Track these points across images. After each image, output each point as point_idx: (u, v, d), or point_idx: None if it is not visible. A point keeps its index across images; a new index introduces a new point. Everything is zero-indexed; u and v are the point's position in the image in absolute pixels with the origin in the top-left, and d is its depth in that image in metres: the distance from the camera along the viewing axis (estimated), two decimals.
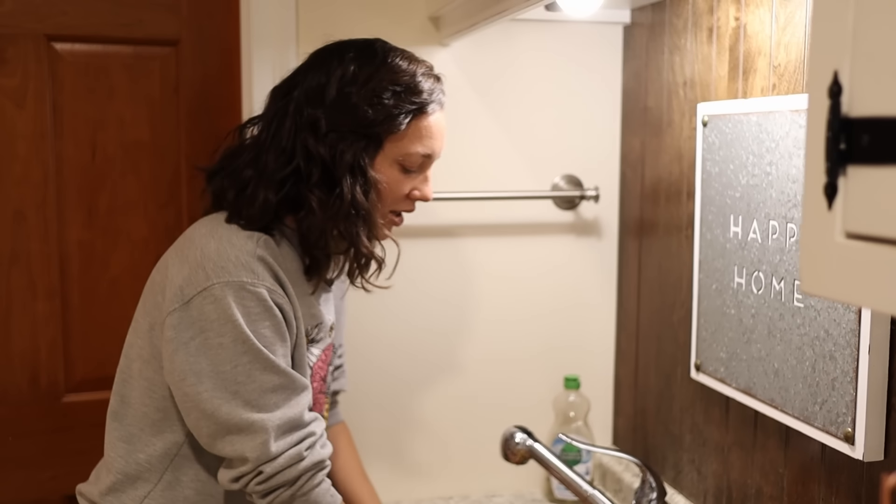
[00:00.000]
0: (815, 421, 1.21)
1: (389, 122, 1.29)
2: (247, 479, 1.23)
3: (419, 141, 1.32)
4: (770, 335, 1.30)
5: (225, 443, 1.22)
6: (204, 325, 1.22)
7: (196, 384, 1.22)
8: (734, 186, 1.38)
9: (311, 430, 1.27)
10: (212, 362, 1.22)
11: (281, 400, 1.24)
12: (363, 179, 1.29)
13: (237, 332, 1.21)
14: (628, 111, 1.82)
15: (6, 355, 1.75)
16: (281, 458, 1.22)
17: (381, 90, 1.28)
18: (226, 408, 1.21)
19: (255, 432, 1.21)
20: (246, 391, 1.22)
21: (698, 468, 1.57)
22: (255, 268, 1.24)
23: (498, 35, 1.78)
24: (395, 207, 1.36)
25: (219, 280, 1.22)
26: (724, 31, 1.46)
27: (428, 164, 1.37)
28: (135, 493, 1.31)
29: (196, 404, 1.23)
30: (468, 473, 1.86)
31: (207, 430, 1.23)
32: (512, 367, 1.87)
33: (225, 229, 1.28)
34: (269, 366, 1.23)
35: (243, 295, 1.22)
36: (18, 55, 1.70)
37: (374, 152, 1.30)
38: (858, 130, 0.58)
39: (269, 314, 1.24)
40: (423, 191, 1.37)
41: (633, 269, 1.82)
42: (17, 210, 1.73)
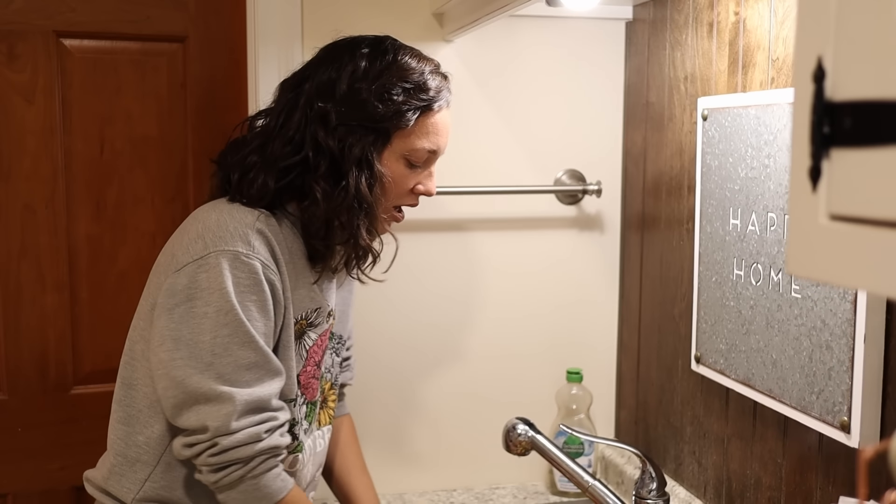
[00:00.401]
0: (812, 410, 1.22)
1: (398, 118, 1.31)
2: (201, 447, 1.23)
3: (426, 137, 1.35)
4: (768, 326, 1.31)
5: (191, 412, 1.23)
6: (193, 293, 1.24)
7: (172, 350, 1.24)
8: (733, 179, 1.39)
9: (275, 415, 1.28)
10: (192, 331, 1.24)
11: (253, 378, 1.25)
12: (369, 173, 1.31)
13: (223, 301, 1.23)
14: (630, 106, 1.83)
15: (16, 347, 1.77)
16: (240, 434, 1.23)
17: (391, 86, 1.31)
18: (196, 378, 1.22)
19: (222, 403, 1.22)
20: (220, 364, 1.23)
21: (699, 460, 1.58)
22: (252, 240, 1.26)
23: (501, 31, 1.80)
24: (398, 202, 1.39)
25: (215, 249, 1.25)
26: (724, 25, 1.47)
27: (433, 160, 1.39)
28: (134, 476, 1.33)
29: (167, 371, 1.24)
30: (472, 466, 1.88)
31: (175, 399, 1.24)
32: (515, 361, 1.88)
33: (226, 205, 1.31)
34: (248, 341, 1.25)
35: (237, 265, 1.24)
36: (28, 51, 1.72)
37: (382, 147, 1.33)
38: (841, 114, 0.60)
39: (257, 288, 1.26)
40: (427, 185, 1.40)
41: (635, 263, 1.83)
42: (26, 204, 1.75)
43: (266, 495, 1.26)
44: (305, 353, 1.40)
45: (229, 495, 1.26)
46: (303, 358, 1.40)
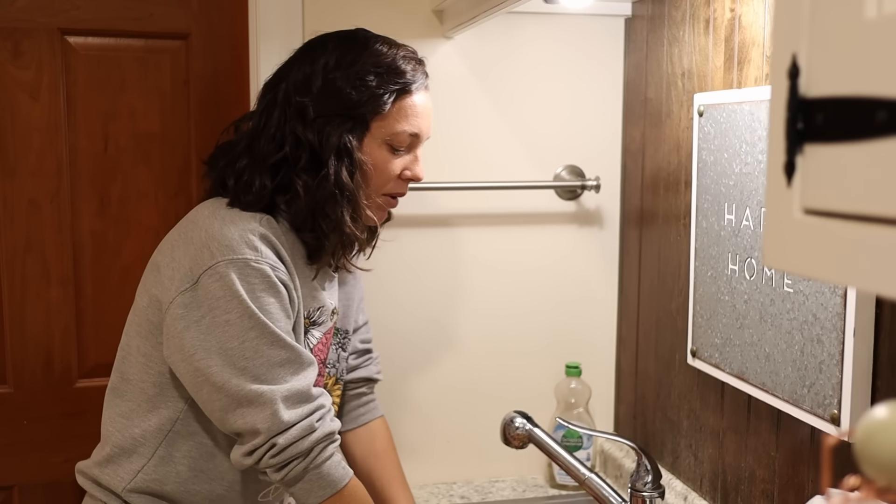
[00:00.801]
0: (803, 403, 1.23)
1: (373, 103, 1.33)
2: (260, 451, 1.25)
3: (404, 120, 1.36)
4: (762, 320, 1.32)
5: (237, 416, 1.25)
6: (211, 304, 1.26)
7: (205, 359, 1.26)
8: (728, 175, 1.40)
9: (320, 402, 1.30)
10: (219, 339, 1.26)
11: (288, 374, 1.27)
12: (349, 160, 1.33)
13: (243, 307, 1.25)
14: (629, 102, 1.84)
15: (21, 341, 1.79)
16: (293, 430, 1.25)
17: (364, 73, 1.34)
18: (235, 381, 1.25)
19: (264, 403, 1.24)
20: (254, 366, 1.25)
21: (695, 453, 1.59)
22: (258, 245, 1.28)
23: (501, 27, 1.81)
24: (387, 189, 1.40)
25: (223, 258, 1.26)
26: (720, 22, 1.48)
27: (416, 144, 1.40)
28: (129, 466, 1.35)
29: (206, 378, 1.26)
30: (471, 459, 1.90)
31: (219, 403, 1.26)
32: (515, 355, 1.90)
33: (227, 211, 1.33)
34: (276, 340, 1.27)
35: (247, 272, 1.26)
36: (33, 48, 1.74)
37: (361, 134, 1.35)
38: (814, 110, 0.61)
39: (273, 290, 1.28)
40: (414, 170, 1.41)
41: (634, 258, 1.84)
42: (31, 200, 1.77)
43: (330, 483, 1.29)
44: (310, 350, 1.42)
45: (298, 488, 1.28)
46: None
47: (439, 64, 1.80)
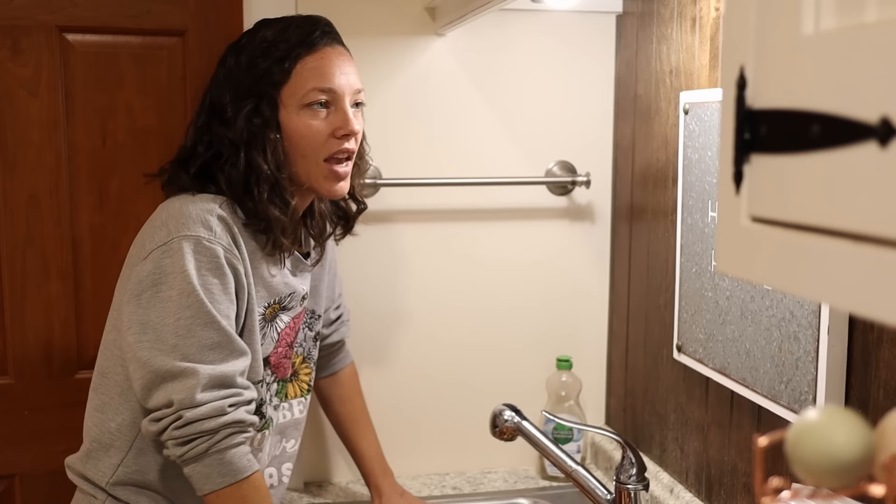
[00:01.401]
0: (781, 399, 1.25)
1: (269, 74, 1.37)
2: (166, 421, 1.27)
3: (310, 78, 1.38)
4: (742, 317, 1.34)
5: (159, 391, 1.27)
6: (158, 279, 1.30)
7: (139, 334, 1.29)
8: (712, 172, 1.42)
9: (239, 391, 1.32)
10: (158, 315, 1.29)
11: (217, 357, 1.30)
12: (260, 141, 1.36)
13: (185, 284, 1.28)
14: (620, 99, 1.86)
15: (22, 333, 1.83)
16: (203, 408, 1.26)
17: (256, 50, 1.39)
18: (162, 358, 1.27)
19: (186, 378, 1.27)
20: (185, 345, 1.28)
21: (681, 446, 1.62)
22: (213, 225, 1.32)
23: (494, 24, 1.83)
24: (323, 152, 1.39)
25: (178, 234, 1.30)
26: (706, 21, 1.49)
27: (337, 99, 1.39)
28: (109, 460, 1.39)
29: (135, 353, 1.29)
30: (463, 450, 1.93)
31: (143, 380, 1.28)
32: (507, 349, 1.92)
33: (191, 195, 1.37)
34: (211, 321, 1.29)
35: (199, 249, 1.30)
36: (32, 46, 1.77)
37: (272, 109, 1.38)
38: (759, 121, 0.63)
39: (219, 272, 1.31)
40: (344, 124, 1.39)
41: (624, 253, 1.86)
42: (31, 195, 1.80)
43: (231, 471, 1.29)
44: (277, 335, 1.45)
45: (194, 468, 1.29)
46: (274, 340, 1.45)
47: (431, 61, 1.82)
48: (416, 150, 1.83)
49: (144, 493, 1.39)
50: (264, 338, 1.43)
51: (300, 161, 1.39)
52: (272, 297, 1.41)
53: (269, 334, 1.44)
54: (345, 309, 1.72)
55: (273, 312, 1.43)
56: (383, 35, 1.79)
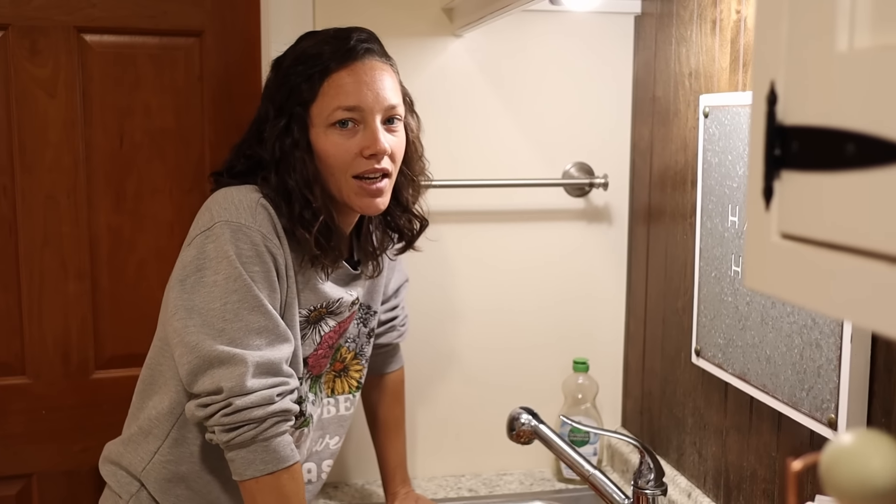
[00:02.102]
0: (802, 406, 1.24)
1: (298, 93, 1.37)
2: (215, 406, 1.27)
3: (335, 96, 1.36)
4: (763, 322, 1.33)
5: (206, 377, 1.28)
6: (202, 263, 1.31)
7: (185, 318, 1.30)
8: (732, 177, 1.41)
9: (286, 380, 1.32)
10: (204, 299, 1.29)
11: (263, 343, 1.30)
12: (287, 162, 1.36)
13: (231, 269, 1.29)
14: (638, 100, 1.85)
15: (39, 333, 1.83)
16: (253, 396, 1.27)
17: (287, 70, 1.39)
18: (209, 342, 1.28)
19: (235, 364, 1.27)
20: (232, 329, 1.28)
21: (699, 451, 1.61)
22: (255, 213, 1.32)
23: (511, 25, 1.82)
24: (353, 171, 1.37)
25: (220, 219, 1.31)
26: (726, 23, 1.48)
27: (365, 118, 1.37)
28: (147, 447, 1.41)
29: (182, 338, 1.30)
30: (479, 452, 1.93)
31: (189, 365, 1.29)
32: (523, 351, 1.92)
33: (238, 185, 1.38)
34: (257, 306, 1.30)
35: (239, 236, 1.30)
36: (50, 46, 1.77)
37: (302, 129, 1.37)
38: (790, 137, 0.62)
39: (260, 259, 1.31)
40: (372, 144, 1.36)
41: (641, 255, 1.85)
42: (49, 195, 1.80)
43: (274, 459, 1.30)
44: (319, 338, 1.45)
45: (238, 454, 1.29)
46: (315, 343, 1.45)
47: (448, 62, 1.82)
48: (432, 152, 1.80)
49: (174, 486, 1.41)
50: (305, 339, 1.43)
51: (330, 179, 1.38)
52: (319, 302, 1.42)
53: (311, 336, 1.44)
54: (401, 313, 1.69)
55: (318, 315, 1.43)
56: (400, 36, 1.78)
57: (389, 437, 1.70)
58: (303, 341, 1.42)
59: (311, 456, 1.54)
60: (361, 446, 1.79)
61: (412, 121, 1.49)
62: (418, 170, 1.51)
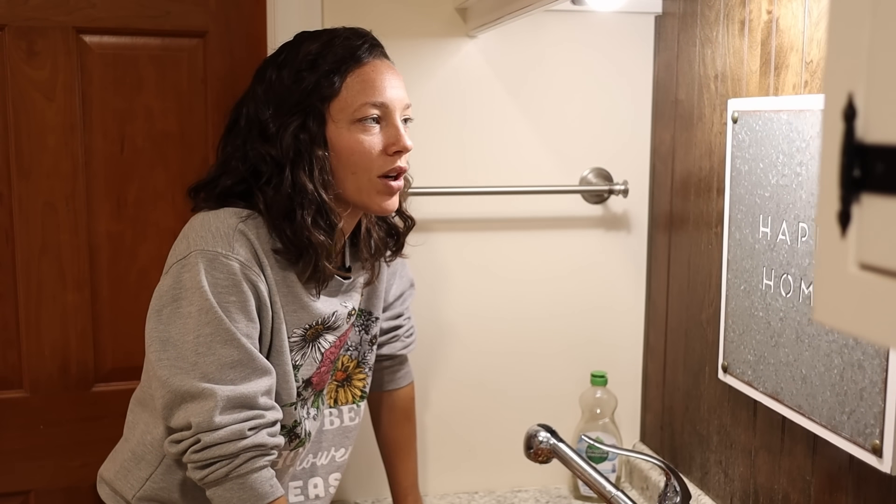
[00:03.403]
0: (842, 430, 1.17)
1: (319, 88, 1.29)
2: (185, 444, 1.23)
3: (361, 92, 1.30)
4: (798, 340, 1.27)
5: (179, 412, 1.24)
6: (178, 294, 1.26)
7: (160, 351, 1.25)
8: (763, 185, 1.34)
9: (261, 413, 1.26)
10: (179, 331, 1.24)
11: (238, 377, 1.24)
12: (307, 159, 1.29)
13: (203, 301, 1.23)
14: (659, 103, 1.78)
15: (37, 345, 1.77)
16: (222, 431, 1.22)
17: (300, 66, 1.31)
18: (181, 377, 1.23)
19: (205, 399, 1.22)
20: (204, 363, 1.23)
21: (725, 470, 1.54)
22: (232, 240, 1.26)
23: (526, 26, 1.75)
24: (376, 170, 1.31)
25: (196, 248, 1.26)
26: (756, 24, 1.42)
27: (390, 114, 1.32)
28: (139, 473, 1.36)
29: (155, 372, 1.25)
30: (493, 468, 1.86)
31: (163, 399, 1.25)
32: (539, 362, 1.85)
33: (217, 209, 1.31)
34: (230, 339, 1.24)
35: (215, 265, 1.24)
36: (48, 48, 1.70)
37: (320, 125, 1.30)
38: (873, 157, 0.56)
39: (236, 289, 1.25)
40: (398, 141, 1.31)
41: (662, 264, 1.79)
42: (47, 201, 1.74)
43: (252, 496, 1.24)
44: (321, 355, 1.39)
45: (216, 492, 1.25)
46: (317, 361, 1.38)
47: (462, 64, 1.75)
48: (445, 157, 1.75)
49: None
50: (305, 358, 1.37)
51: (350, 178, 1.31)
52: (313, 319, 1.35)
53: (310, 355, 1.37)
54: (406, 323, 1.61)
55: (316, 333, 1.36)
56: (412, 37, 1.71)
57: (400, 458, 1.63)
58: (303, 361, 1.36)
59: (317, 470, 1.48)
60: (371, 462, 1.73)
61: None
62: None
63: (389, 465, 1.63)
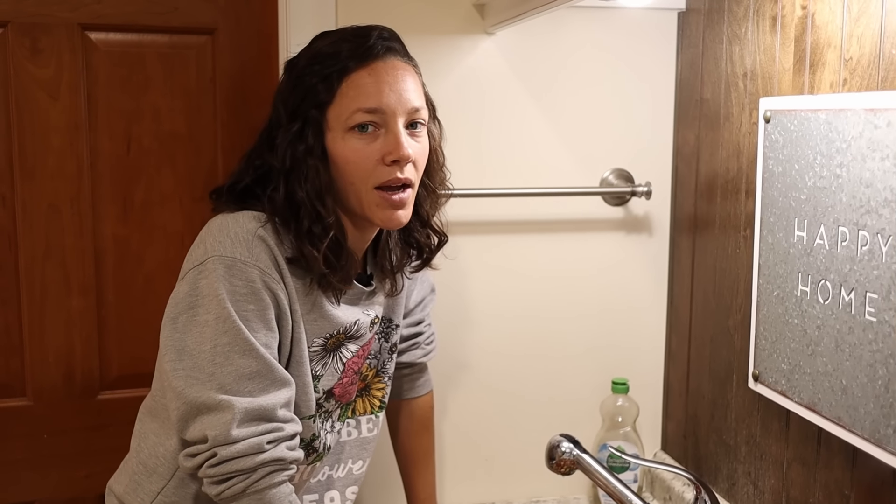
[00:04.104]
0: (887, 444, 1.12)
1: (314, 95, 1.24)
2: (201, 458, 1.18)
3: (354, 98, 1.23)
4: (838, 349, 1.21)
5: (195, 424, 1.18)
6: (195, 301, 1.20)
7: (175, 361, 1.19)
8: (799, 188, 1.29)
9: (280, 426, 1.20)
10: (195, 340, 1.19)
11: (256, 388, 1.19)
12: (298, 170, 1.24)
13: (220, 309, 1.18)
14: (683, 103, 1.73)
15: (41, 352, 1.72)
16: (239, 445, 1.16)
17: (302, 71, 1.26)
18: (197, 388, 1.17)
19: (222, 411, 1.16)
20: (222, 374, 1.17)
21: (754, 482, 1.49)
22: (252, 246, 1.20)
23: (546, 23, 1.70)
24: (374, 181, 1.24)
25: (214, 254, 1.20)
26: (789, 20, 1.36)
27: (387, 121, 1.23)
28: (150, 486, 1.30)
29: (170, 382, 1.19)
30: (511, 478, 1.81)
31: (178, 411, 1.19)
32: (557, 368, 1.80)
33: (235, 211, 1.26)
34: (248, 349, 1.18)
35: (233, 272, 1.19)
36: (52, 45, 1.65)
37: (317, 133, 1.24)
38: None
39: (255, 297, 1.19)
40: (395, 149, 1.22)
41: (685, 268, 1.73)
42: (51, 204, 1.69)
43: None
44: (342, 365, 1.33)
45: None
46: (338, 371, 1.33)
47: (480, 62, 1.70)
48: (462, 158, 1.69)
49: None
50: (325, 368, 1.31)
51: (349, 189, 1.25)
52: (334, 328, 1.29)
53: (331, 365, 1.32)
54: (426, 330, 1.55)
55: (337, 342, 1.31)
56: (427, 33, 1.66)
57: (418, 469, 1.58)
58: (323, 372, 1.31)
59: (333, 483, 1.43)
60: (387, 473, 1.67)
61: (434, 128, 1.36)
62: (439, 181, 1.39)
63: (406, 477, 1.58)
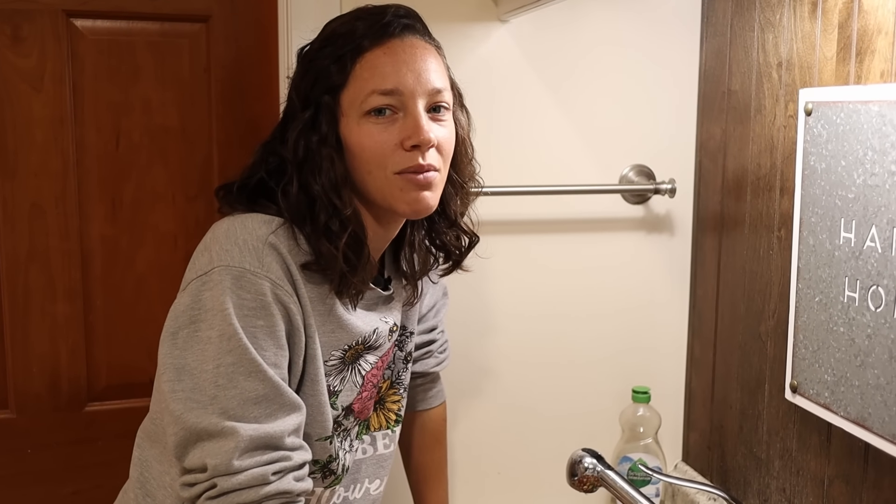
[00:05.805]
0: None
1: (328, 77, 1.14)
2: (199, 488, 1.06)
3: (369, 78, 1.13)
4: (891, 360, 1.12)
5: (195, 450, 1.07)
6: (197, 315, 1.08)
7: (174, 381, 1.07)
8: (846, 186, 1.20)
9: (288, 454, 1.09)
10: (197, 358, 1.07)
11: (262, 414, 1.07)
12: (311, 160, 1.14)
13: (226, 325, 1.06)
14: (708, 95, 1.64)
15: (24, 361, 1.61)
16: (242, 476, 1.05)
17: (315, 54, 1.17)
18: (198, 412, 1.06)
19: (224, 438, 1.05)
20: (225, 397, 1.06)
21: (790, 499, 1.40)
22: (262, 255, 1.09)
23: (562, 11, 1.61)
24: (394, 167, 1.14)
25: (220, 263, 1.08)
26: (831, 5, 1.27)
27: (405, 103, 1.13)
28: None
29: (168, 404, 1.08)
30: (525, 493, 1.72)
31: (176, 437, 1.07)
32: (574, 376, 1.71)
33: (244, 214, 1.15)
34: (255, 370, 1.07)
35: (242, 284, 1.07)
36: (35, 33, 1.55)
37: (331, 120, 1.14)
38: None
39: (265, 312, 1.08)
40: (414, 132, 1.12)
41: (710, 269, 1.64)
42: (34, 203, 1.59)
43: None
44: (361, 379, 1.23)
45: None
46: (357, 386, 1.22)
47: (492, 51, 1.60)
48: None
49: None
50: (343, 383, 1.20)
51: (368, 179, 1.14)
52: (352, 339, 1.18)
53: (350, 379, 1.21)
54: (440, 338, 1.46)
55: (356, 354, 1.20)
56: (438, 20, 1.54)
57: (429, 484, 1.48)
58: (342, 387, 1.20)
59: None
60: (397, 488, 1.58)
61: (462, 116, 1.25)
62: (468, 175, 1.28)
63: (417, 493, 1.48)
